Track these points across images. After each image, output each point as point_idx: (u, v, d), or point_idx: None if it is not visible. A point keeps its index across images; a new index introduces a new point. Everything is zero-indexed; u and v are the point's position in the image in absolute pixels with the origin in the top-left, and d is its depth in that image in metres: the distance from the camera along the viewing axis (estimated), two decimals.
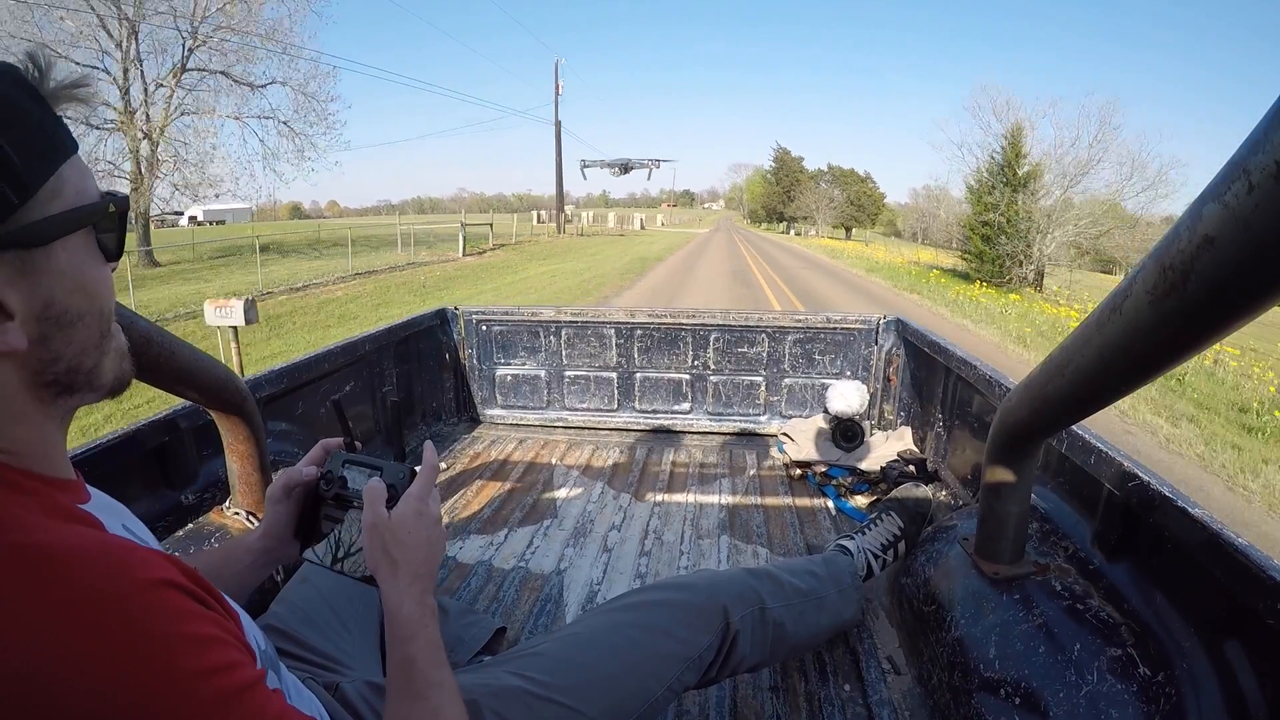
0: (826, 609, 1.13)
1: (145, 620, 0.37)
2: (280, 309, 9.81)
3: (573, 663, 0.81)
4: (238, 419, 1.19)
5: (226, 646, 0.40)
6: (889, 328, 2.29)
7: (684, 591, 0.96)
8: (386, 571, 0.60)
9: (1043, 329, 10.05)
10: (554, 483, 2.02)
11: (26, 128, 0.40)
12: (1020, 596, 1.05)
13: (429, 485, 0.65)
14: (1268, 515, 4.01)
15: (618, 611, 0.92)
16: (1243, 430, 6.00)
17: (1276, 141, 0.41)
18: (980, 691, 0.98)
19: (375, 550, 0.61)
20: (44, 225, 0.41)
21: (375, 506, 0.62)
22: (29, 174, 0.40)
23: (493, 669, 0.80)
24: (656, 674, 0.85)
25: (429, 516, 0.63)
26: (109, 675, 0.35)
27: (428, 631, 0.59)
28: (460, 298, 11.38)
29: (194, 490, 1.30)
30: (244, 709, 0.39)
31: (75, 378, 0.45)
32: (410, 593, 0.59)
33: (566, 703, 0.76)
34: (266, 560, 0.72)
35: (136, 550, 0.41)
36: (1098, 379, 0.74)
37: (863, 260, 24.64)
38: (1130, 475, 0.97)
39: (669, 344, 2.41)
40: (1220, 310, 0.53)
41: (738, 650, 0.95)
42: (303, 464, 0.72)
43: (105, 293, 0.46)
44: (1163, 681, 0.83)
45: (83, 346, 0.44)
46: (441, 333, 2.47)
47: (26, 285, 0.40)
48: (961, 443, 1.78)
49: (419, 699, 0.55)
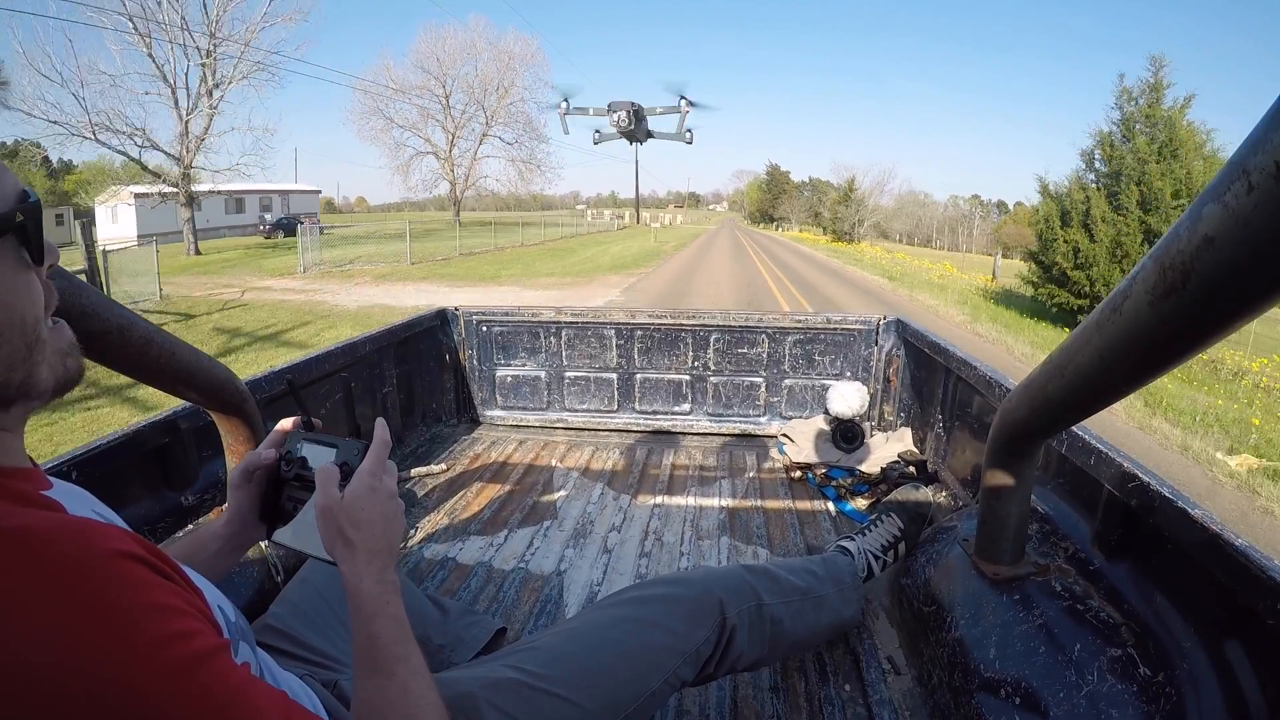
0: (825, 608, 1.13)
1: (107, 590, 0.37)
2: (522, 250, 21.37)
3: (568, 655, 0.81)
4: (238, 420, 1.19)
5: (187, 616, 0.40)
6: (889, 329, 2.29)
7: (679, 586, 0.96)
8: (344, 552, 0.60)
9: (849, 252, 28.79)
10: (554, 484, 2.02)
11: None
12: (1020, 597, 1.05)
13: (381, 460, 0.64)
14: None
15: (614, 606, 0.93)
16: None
17: (1276, 141, 0.42)
18: (980, 692, 0.98)
19: (330, 532, 0.61)
20: None
21: (327, 488, 0.61)
22: None
23: (489, 663, 0.80)
24: (652, 667, 0.85)
25: (383, 491, 0.62)
26: (72, 645, 0.34)
27: (390, 608, 0.58)
28: (595, 251, 22.15)
29: (194, 491, 1.30)
30: (205, 676, 0.38)
31: (6, 392, 0.43)
32: (369, 571, 0.59)
33: (562, 694, 0.76)
34: (233, 545, 0.72)
35: (95, 525, 0.41)
36: (1098, 379, 0.74)
37: (780, 235, 52.06)
38: (1130, 476, 0.97)
39: (669, 345, 2.42)
40: (1220, 310, 0.53)
41: (735, 645, 0.95)
42: (263, 447, 0.72)
43: (25, 302, 0.43)
44: (1163, 681, 0.83)
45: (6, 363, 0.42)
46: (441, 333, 2.47)
47: None
48: (961, 443, 1.78)
49: (386, 675, 0.55)
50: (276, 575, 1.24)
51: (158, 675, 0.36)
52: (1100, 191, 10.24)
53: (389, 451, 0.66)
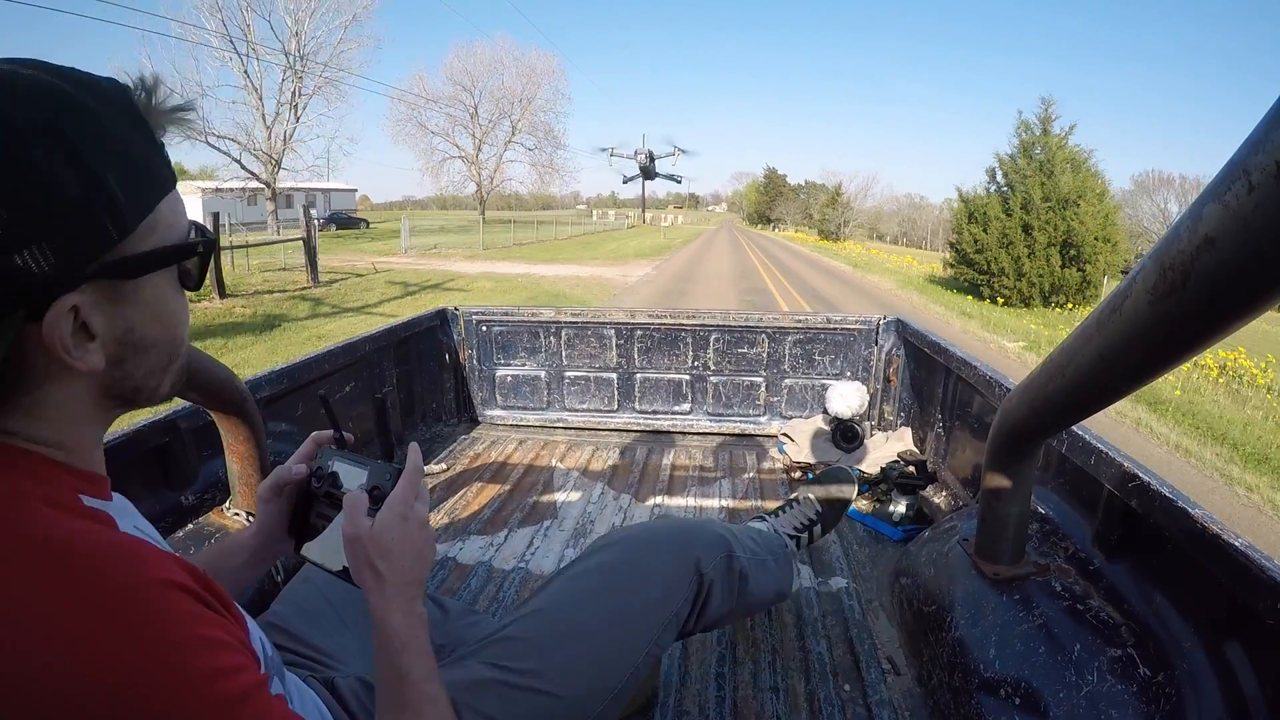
0: (770, 573, 1.10)
1: (157, 620, 0.37)
2: (551, 245, 23.09)
3: (544, 644, 0.77)
4: (238, 419, 1.19)
5: (233, 650, 0.41)
6: (889, 328, 2.29)
7: (651, 546, 0.92)
8: (371, 582, 0.58)
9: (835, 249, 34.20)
10: (554, 483, 2.02)
11: (132, 163, 0.42)
12: (1020, 597, 1.05)
13: (413, 488, 0.62)
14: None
15: (583, 577, 0.88)
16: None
17: (1276, 141, 0.42)
18: (980, 692, 0.98)
19: (357, 561, 0.59)
20: (136, 261, 0.43)
21: (355, 517, 0.59)
22: (130, 211, 0.41)
23: (468, 662, 0.77)
24: (635, 641, 0.82)
25: (414, 521, 0.61)
26: (120, 671, 0.35)
27: (418, 642, 0.57)
28: (617, 244, 25.40)
29: (194, 491, 1.29)
30: (248, 712, 0.39)
31: (138, 395, 0.48)
32: (397, 603, 0.57)
33: (543, 689, 0.73)
34: (260, 558, 0.71)
35: (148, 548, 0.41)
36: (1098, 379, 0.74)
37: (774, 235, 52.74)
38: (1130, 475, 0.97)
39: (669, 345, 2.41)
40: (1220, 310, 0.53)
41: (713, 600, 0.93)
42: (293, 460, 0.71)
43: (180, 322, 0.49)
44: (1163, 681, 0.83)
45: (151, 369, 0.47)
46: (441, 333, 2.46)
47: (112, 311, 0.42)
48: (961, 443, 1.78)
49: (414, 714, 0.55)
50: (277, 575, 1.24)
51: (206, 710, 0.37)
52: (995, 197, 13.98)
53: (421, 478, 0.64)
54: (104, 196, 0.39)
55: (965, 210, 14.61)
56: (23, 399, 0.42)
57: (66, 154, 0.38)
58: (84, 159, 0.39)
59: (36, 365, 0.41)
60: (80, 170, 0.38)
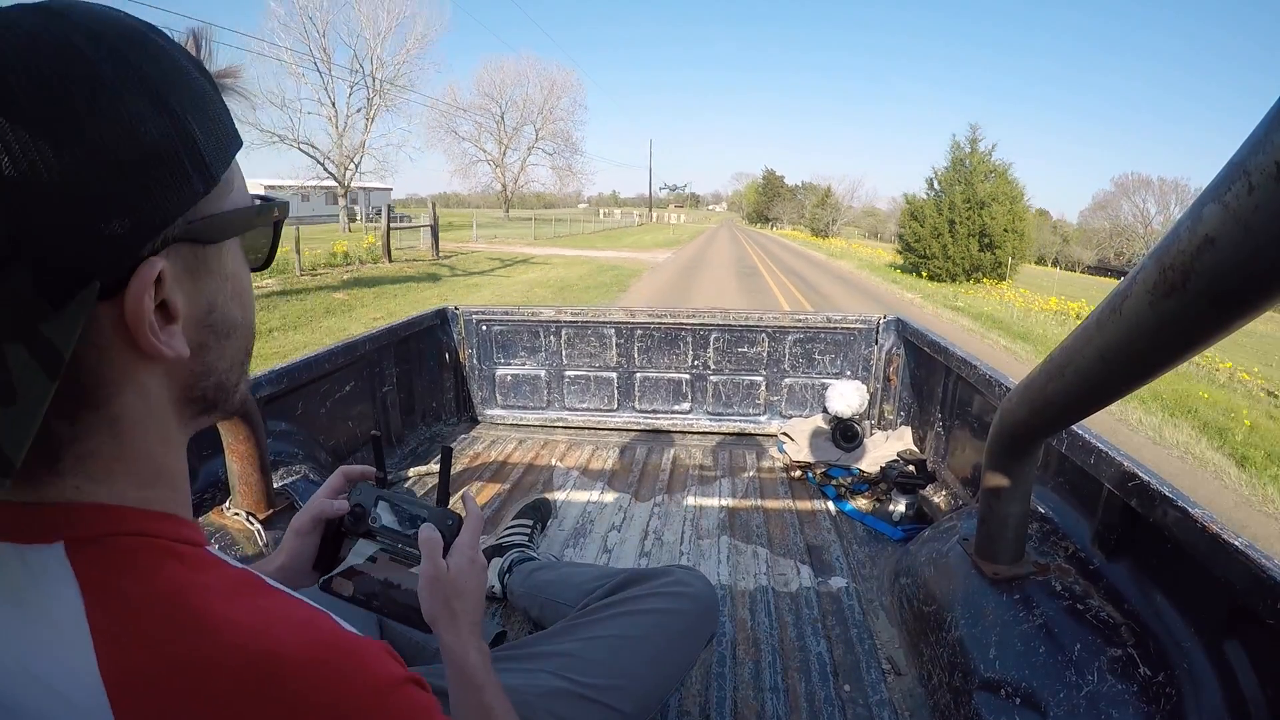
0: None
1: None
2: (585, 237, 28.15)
3: (608, 665, 0.87)
4: (238, 419, 1.19)
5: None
6: (889, 327, 2.29)
7: (686, 601, 1.01)
8: (446, 622, 0.60)
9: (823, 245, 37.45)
10: (554, 483, 2.02)
11: (213, 110, 0.36)
12: (1020, 597, 1.05)
13: (477, 534, 0.67)
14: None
15: (640, 615, 0.97)
16: None
17: (1276, 141, 0.41)
18: (980, 692, 0.98)
19: (436, 602, 0.60)
20: (219, 221, 0.36)
21: (435, 559, 0.62)
22: (215, 161, 0.36)
23: (531, 671, 0.83)
24: (675, 675, 0.95)
25: (479, 564, 0.65)
26: None
27: (494, 678, 0.60)
28: (635, 238, 30.14)
29: (194, 491, 1.29)
30: None
31: (219, 395, 0.40)
32: (472, 642, 0.60)
33: (608, 703, 0.82)
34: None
35: (363, 644, 0.36)
36: (1098, 379, 0.74)
37: (770, 233, 58.80)
38: (1130, 475, 0.97)
39: (669, 344, 2.41)
40: (1220, 310, 0.53)
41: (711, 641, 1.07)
42: (324, 493, 0.70)
43: (253, 306, 0.42)
44: (1163, 681, 0.83)
45: (233, 361, 0.40)
46: (441, 332, 2.46)
47: (193, 286, 0.36)
48: (961, 443, 1.78)
49: None
50: None
51: None
52: (930, 200, 18.34)
53: (482, 525, 0.69)
54: (189, 143, 0.34)
55: (909, 210, 19.22)
56: (102, 415, 0.34)
57: (151, 97, 0.32)
58: (169, 103, 0.33)
59: (113, 362, 0.33)
60: (167, 114, 0.33)
